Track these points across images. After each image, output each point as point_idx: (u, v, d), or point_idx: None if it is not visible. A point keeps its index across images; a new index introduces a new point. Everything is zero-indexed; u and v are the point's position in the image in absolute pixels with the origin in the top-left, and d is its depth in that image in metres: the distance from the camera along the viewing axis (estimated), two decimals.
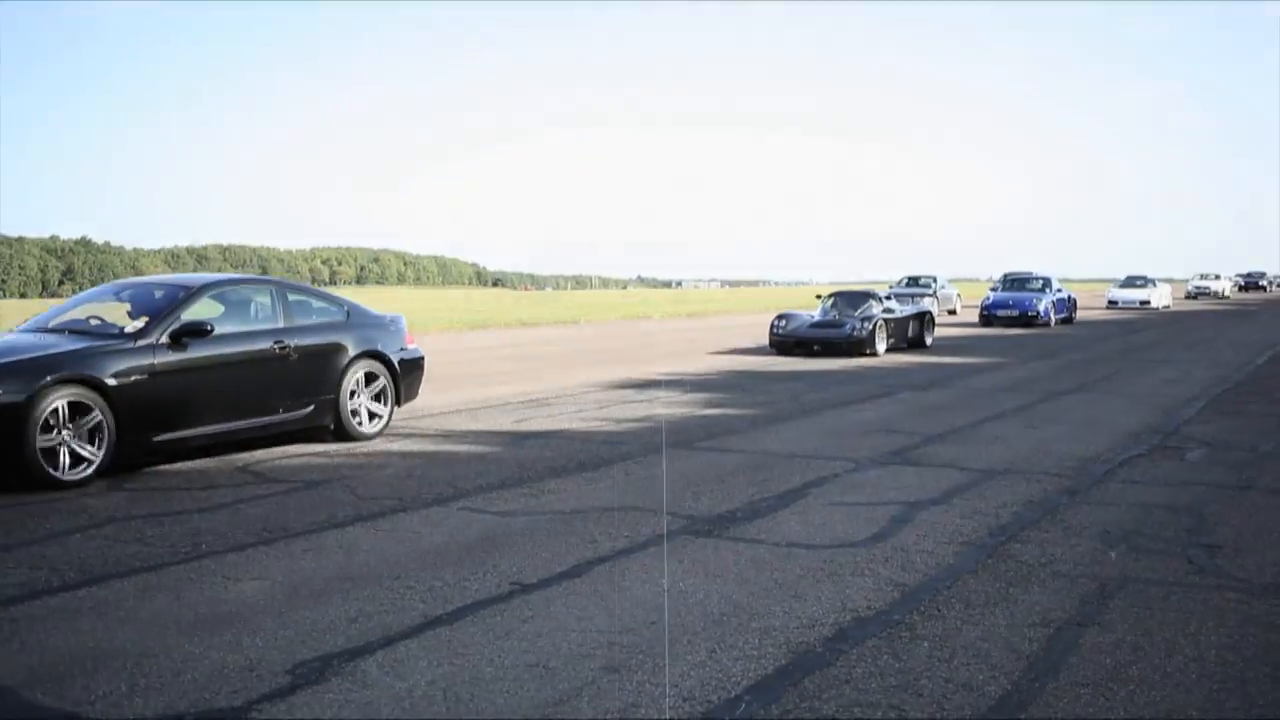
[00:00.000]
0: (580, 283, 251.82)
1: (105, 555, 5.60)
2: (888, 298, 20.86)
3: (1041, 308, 28.36)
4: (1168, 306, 43.03)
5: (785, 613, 4.60)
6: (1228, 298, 59.96)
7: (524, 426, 10.27)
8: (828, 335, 18.42)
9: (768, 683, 3.83)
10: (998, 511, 6.50)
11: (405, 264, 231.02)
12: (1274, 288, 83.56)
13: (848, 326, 18.36)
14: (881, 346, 18.47)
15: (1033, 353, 19.59)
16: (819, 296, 21.13)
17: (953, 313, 36.78)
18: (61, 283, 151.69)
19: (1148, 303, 42.21)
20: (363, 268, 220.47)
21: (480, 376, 15.67)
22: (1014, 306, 28.80)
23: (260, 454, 8.66)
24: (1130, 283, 45.60)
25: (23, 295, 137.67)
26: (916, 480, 7.49)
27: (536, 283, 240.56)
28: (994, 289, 32.36)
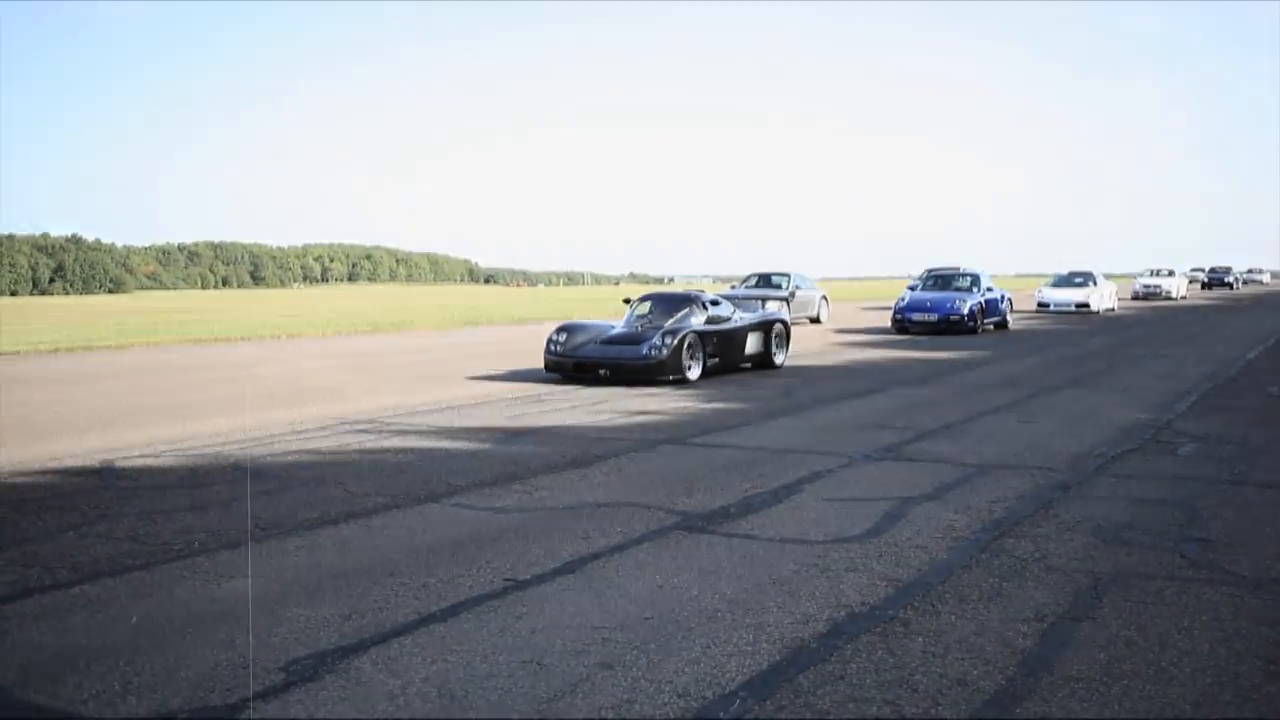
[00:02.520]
0: (572, 279, 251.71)
1: (97, 553, 5.58)
2: (715, 302, 15.52)
3: (966, 310, 23.71)
4: (1111, 310, 36.22)
5: (779, 608, 4.60)
6: (1184, 299, 50.06)
7: (517, 422, 10.26)
8: (619, 356, 13.64)
9: (762, 678, 3.83)
10: (991, 506, 6.51)
11: (397, 261, 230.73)
12: (1240, 284, 74.19)
13: (646, 345, 13.54)
14: (694, 370, 13.84)
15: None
16: (628, 301, 16.23)
17: (816, 320, 29.62)
18: (52, 280, 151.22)
19: (1086, 305, 34.79)
20: (355, 265, 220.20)
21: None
22: (933, 309, 24.02)
23: (254, 451, 8.64)
24: (1066, 281, 37.27)
25: (14, 293, 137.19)
26: (910, 475, 7.50)
27: (529, 279, 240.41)
28: (912, 287, 27.59)
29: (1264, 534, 5.86)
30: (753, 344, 15.37)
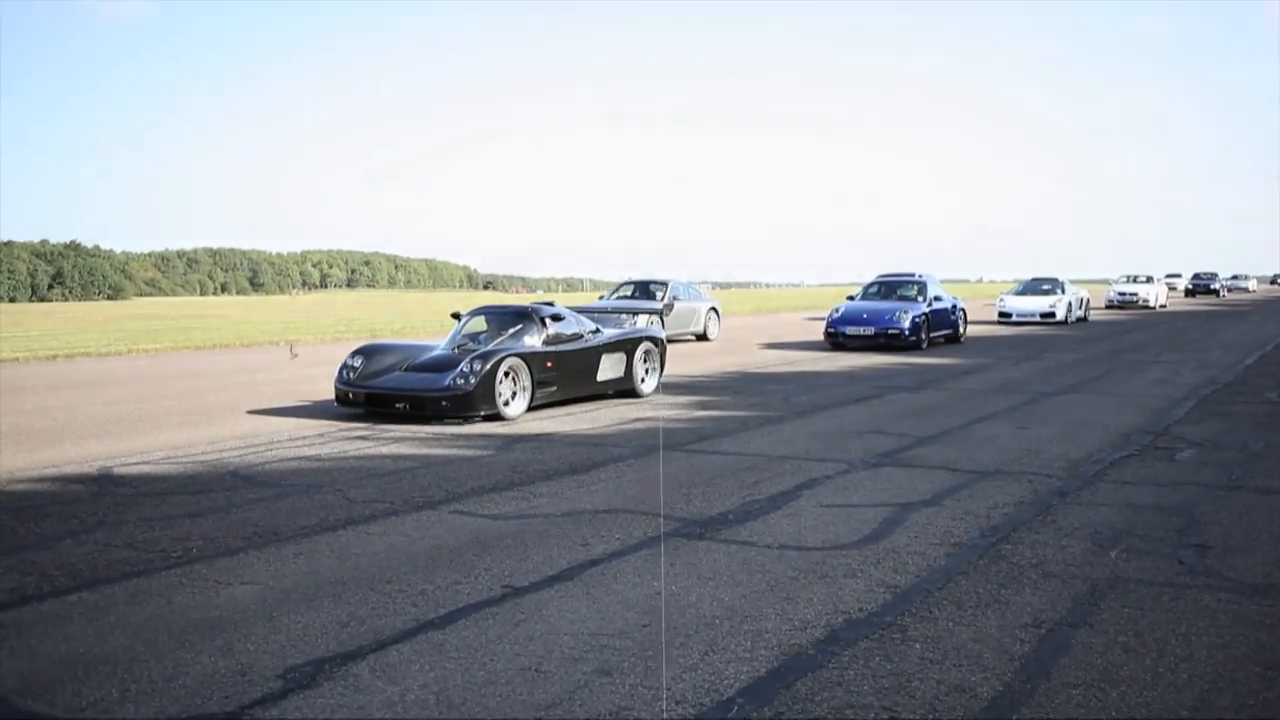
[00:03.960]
0: (571, 285, 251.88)
1: (95, 560, 5.58)
2: (557, 316, 12.49)
3: (907, 323, 20.73)
4: (1083, 319, 33.04)
5: (777, 615, 4.60)
6: (1164, 307, 45.71)
7: (515, 429, 10.27)
8: (417, 387, 10.88)
9: (760, 685, 3.83)
10: (989, 513, 6.51)
11: (396, 267, 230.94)
12: (1226, 291, 69.37)
13: (450, 375, 10.74)
14: (516, 403, 11.00)
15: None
16: (456, 315, 13.45)
17: (703, 337, 25.17)
18: (51, 286, 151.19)
19: (1051, 315, 31.17)
20: (354, 271, 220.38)
21: None
22: (870, 322, 21.08)
23: (251, 458, 8.64)
24: (1031, 288, 33.54)
25: (12, 300, 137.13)
26: (908, 482, 7.50)
27: (528, 285, 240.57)
28: (852, 297, 23.78)
29: (1262, 539, 5.86)
30: (609, 368, 12.58)
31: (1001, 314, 32.19)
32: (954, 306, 23.09)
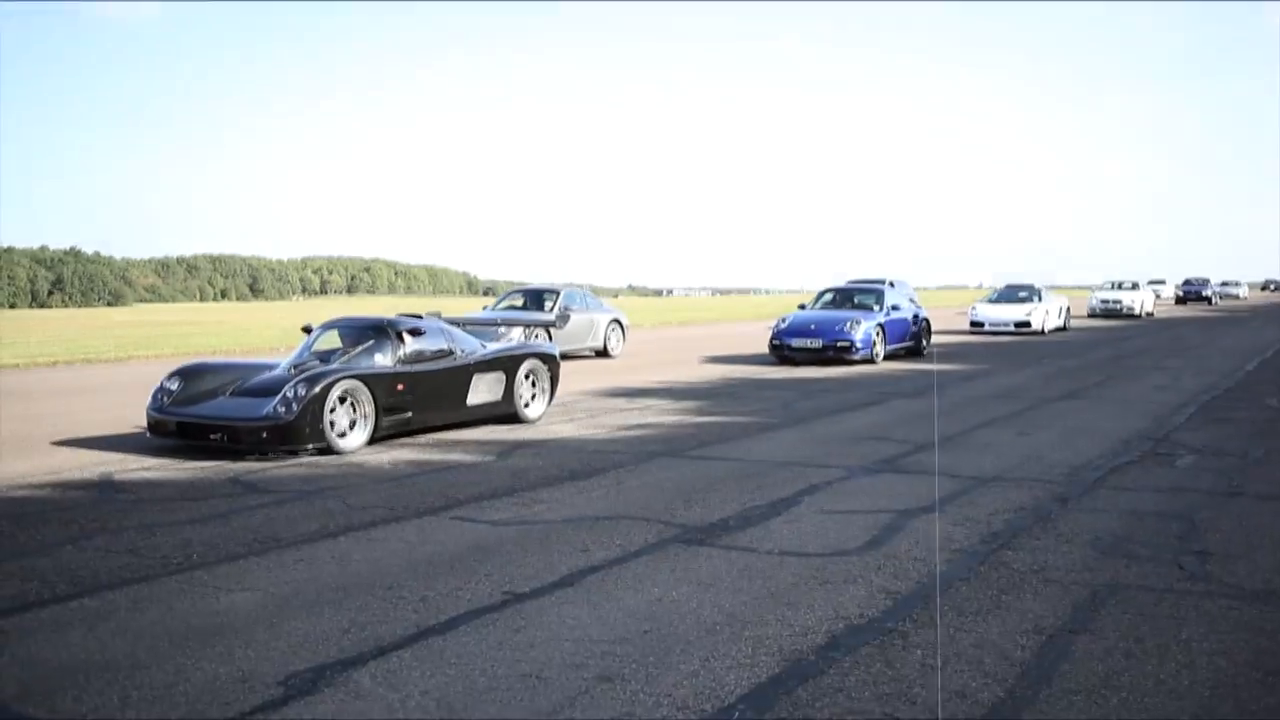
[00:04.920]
0: None
1: (96, 567, 5.58)
2: (416, 331, 10.58)
3: (858, 335, 18.73)
4: (1062, 328, 31.06)
5: (778, 621, 4.60)
6: (1150, 316, 43.06)
7: (516, 435, 10.27)
8: (234, 416, 9.17)
9: (761, 691, 3.83)
10: (989, 519, 6.51)
11: (396, 273, 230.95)
12: (1218, 299, 66.01)
13: (274, 402, 9.03)
14: (355, 434, 9.33)
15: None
16: (307, 329, 11.29)
17: (603, 353, 21.79)
18: (51, 293, 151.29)
19: (1027, 325, 29.21)
20: (354, 277, 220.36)
21: None
22: (818, 334, 19.04)
23: (252, 464, 8.64)
24: (1007, 295, 31.40)
25: (12, 306, 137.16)
26: (908, 488, 7.50)
27: None
28: (804, 305, 21.81)
29: (1263, 546, 5.86)
30: (484, 389, 10.82)
31: (973, 323, 30.43)
32: (915, 317, 21.17)
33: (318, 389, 9.00)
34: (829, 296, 21.59)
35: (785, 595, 4.97)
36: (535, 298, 21.59)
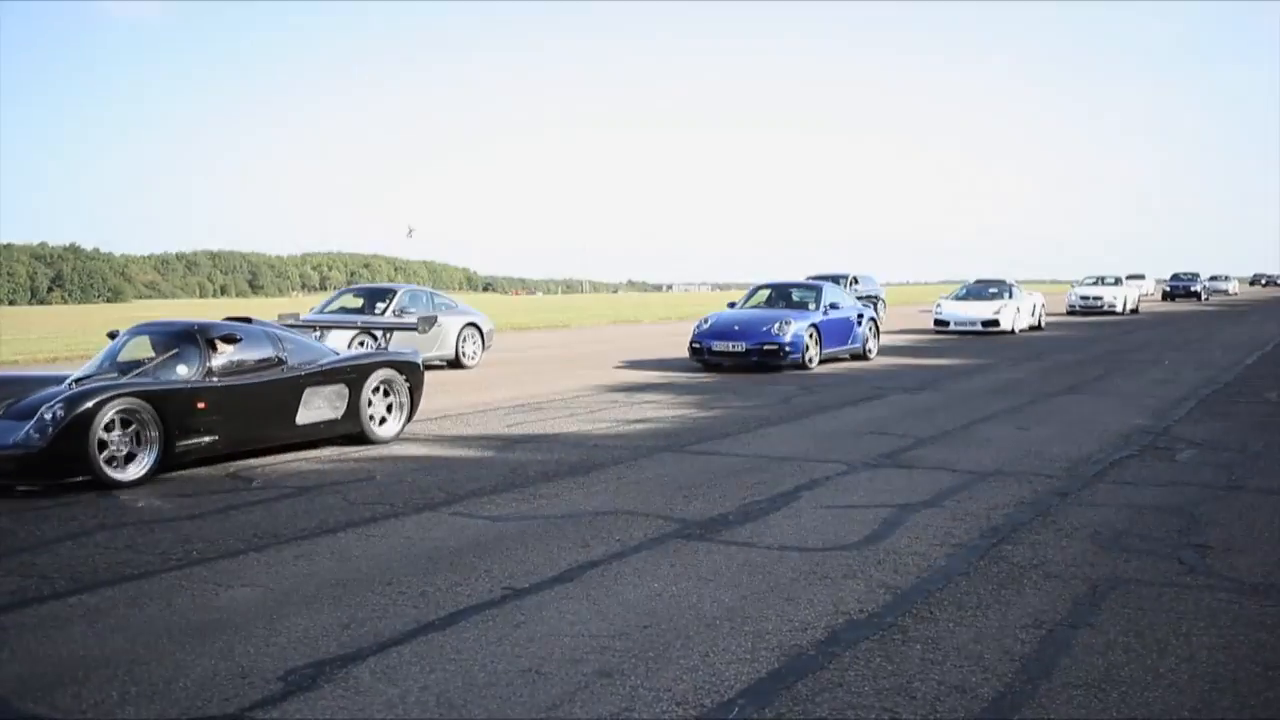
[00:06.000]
0: (571, 286, 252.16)
1: (96, 563, 5.57)
2: (231, 338, 8.79)
3: (788, 337, 16.50)
4: (1036, 327, 28.80)
5: (778, 616, 4.60)
6: (1134, 314, 39.66)
7: (516, 430, 10.27)
8: None
9: (761, 686, 3.83)
10: (989, 513, 6.51)
11: (396, 269, 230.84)
12: (1208, 295, 60.93)
13: (28, 427, 7.47)
14: (136, 465, 7.74)
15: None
16: (112, 334, 9.66)
17: (455, 363, 18.13)
18: (50, 289, 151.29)
19: (995, 324, 26.66)
20: (353, 273, 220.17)
21: None
22: (743, 335, 16.80)
23: (251, 460, 8.63)
24: (976, 292, 29.03)
25: (12, 302, 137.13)
26: (908, 483, 7.50)
27: (527, 287, 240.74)
28: (734, 303, 19.55)
29: (1262, 539, 5.86)
30: (320, 406, 9.19)
31: (938, 321, 27.98)
32: (860, 317, 18.96)
33: (80, 411, 7.39)
34: (764, 294, 19.47)
35: (785, 590, 4.97)
36: (371, 297, 18.38)
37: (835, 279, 30.64)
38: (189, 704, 3.72)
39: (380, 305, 17.67)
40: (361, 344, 11.67)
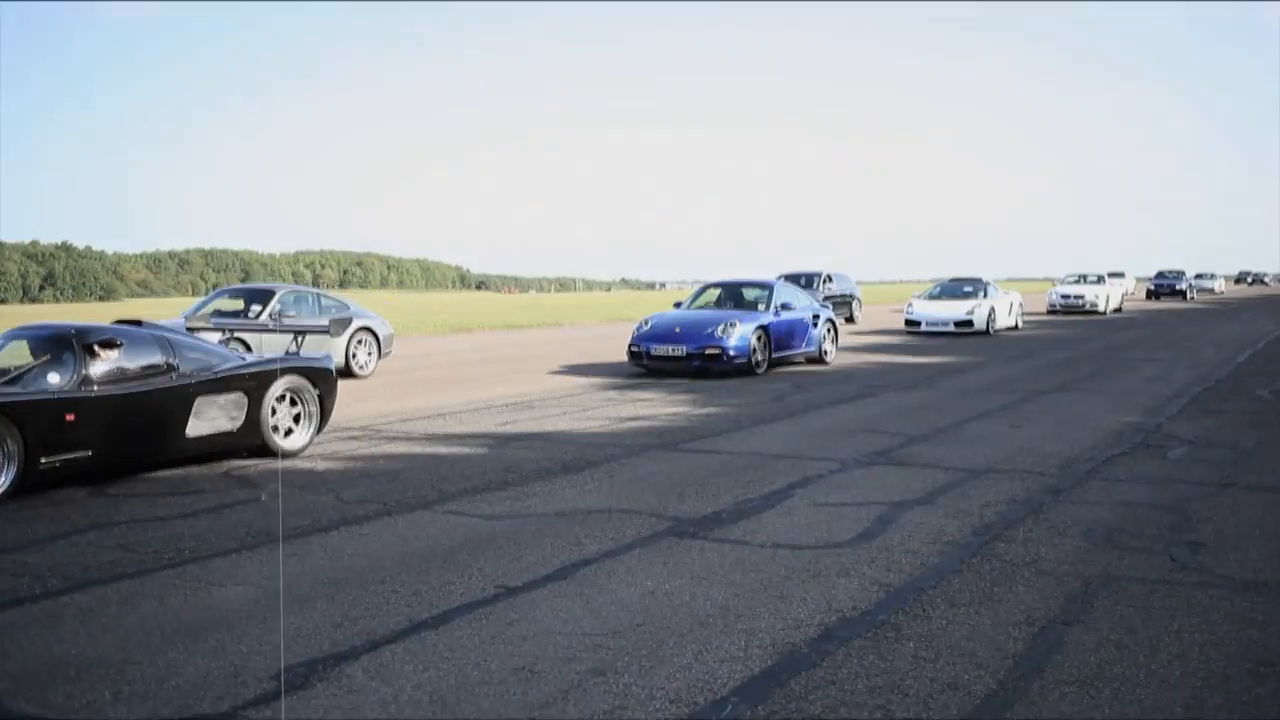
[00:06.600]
0: (564, 285, 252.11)
1: (88, 562, 5.56)
2: (111, 342, 7.92)
3: (732, 341, 15.32)
4: (1013, 327, 27.72)
5: (771, 614, 4.61)
6: (1117, 313, 38.53)
7: (509, 429, 10.26)
8: None
9: (754, 684, 3.83)
10: (982, 511, 6.52)
11: (389, 267, 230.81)
12: (1194, 294, 58.88)
13: None
14: None
15: None
16: None
17: (346, 372, 15.27)
18: (42, 288, 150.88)
19: (969, 324, 25.47)
20: (346, 271, 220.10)
21: None
22: (684, 339, 15.59)
23: (245, 460, 8.61)
24: (950, 290, 27.72)
25: (3, 301, 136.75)
26: (901, 480, 7.51)
27: (520, 285, 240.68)
28: (679, 303, 18.38)
29: (1254, 537, 5.88)
30: (214, 416, 8.36)
31: (909, 321, 26.69)
32: (816, 318, 17.73)
33: None
34: (714, 293, 18.32)
35: (778, 588, 4.98)
36: (248, 299, 16.54)
37: (807, 277, 30.11)
38: (182, 703, 3.71)
39: (256, 308, 15.95)
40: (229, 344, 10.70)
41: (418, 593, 4.94)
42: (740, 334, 15.50)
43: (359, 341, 16.25)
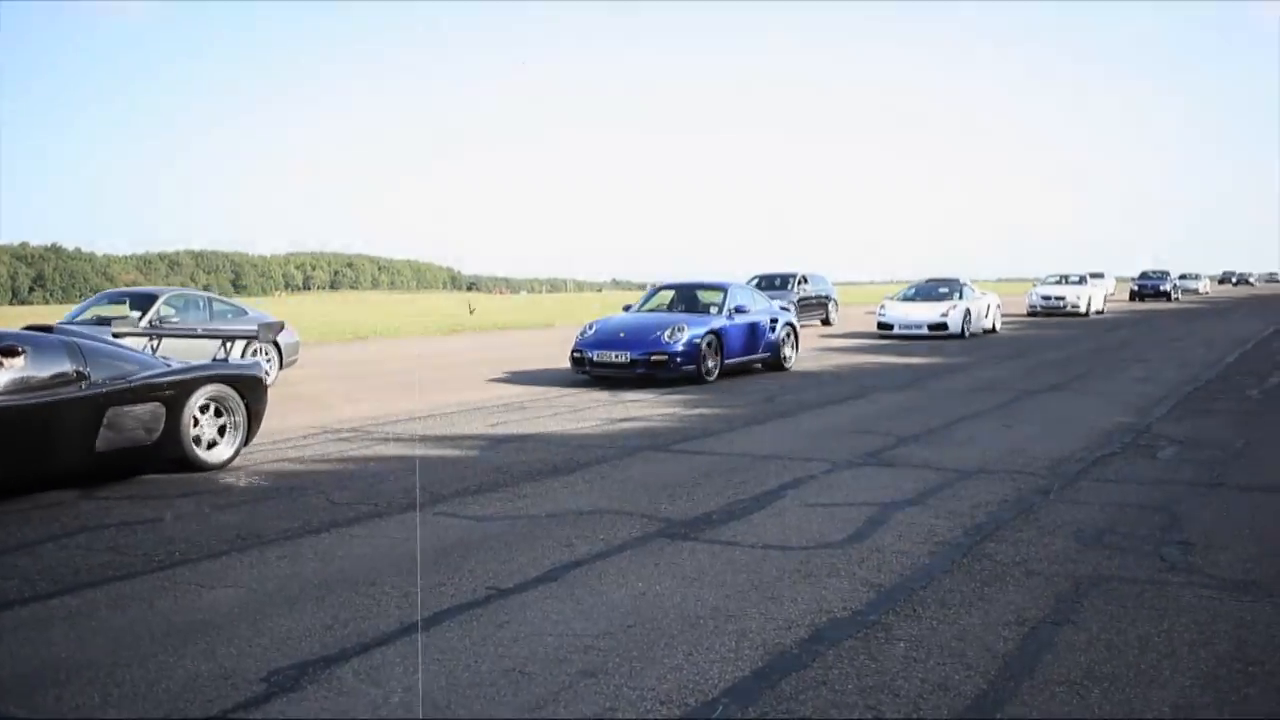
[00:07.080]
0: (555, 286, 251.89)
1: (77, 564, 5.54)
2: (12, 349, 7.16)
3: (681, 346, 14.45)
4: (990, 330, 26.69)
5: (762, 615, 4.61)
6: (1100, 314, 37.51)
7: (500, 430, 10.25)
8: None
9: (744, 685, 3.84)
10: (972, 511, 6.53)
11: (380, 269, 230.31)
12: (1179, 294, 58.10)
13: None
14: None
15: None
16: None
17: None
18: (32, 290, 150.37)
19: (943, 327, 24.48)
20: (336, 273, 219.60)
21: None
22: (628, 344, 14.70)
23: (236, 461, 8.59)
24: (925, 292, 26.62)
25: None
26: (891, 481, 7.52)
27: (511, 286, 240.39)
28: (629, 306, 17.44)
29: (1243, 536, 5.89)
30: (127, 429, 7.65)
31: (881, 324, 25.63)
32: (774, 322, 16.76)
33: None
34: (666, 295, 17.32)
35: (769, 588, 4.98)
36: (132, 303, 15.34)
37: (782, 278, 29.34)
38: (171, 706, 3.70)
39: (135, 314, 14.64)
40: (153, 352, 9.43)
41: (408, 595, 4.93)
42: (689, 339, 14.59)
43: (256, 352, 14.19)
